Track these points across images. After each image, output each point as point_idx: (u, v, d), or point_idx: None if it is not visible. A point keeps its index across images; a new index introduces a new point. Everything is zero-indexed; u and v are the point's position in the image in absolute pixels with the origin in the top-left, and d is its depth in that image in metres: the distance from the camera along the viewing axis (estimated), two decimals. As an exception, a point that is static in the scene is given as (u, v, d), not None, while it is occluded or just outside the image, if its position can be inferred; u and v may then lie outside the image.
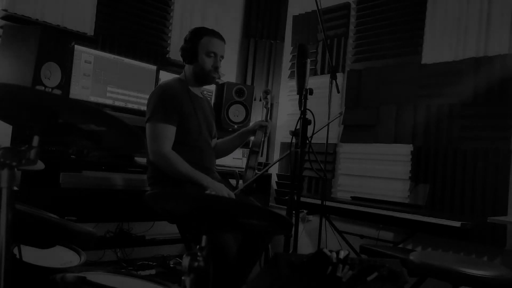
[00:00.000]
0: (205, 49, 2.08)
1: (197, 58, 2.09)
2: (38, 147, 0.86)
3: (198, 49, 2.09)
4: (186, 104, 2.06)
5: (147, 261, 3.03)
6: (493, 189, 2.52)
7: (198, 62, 2.10)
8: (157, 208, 2.11)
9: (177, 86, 2.10)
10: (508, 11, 2.57)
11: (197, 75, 2.14)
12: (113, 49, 3.02)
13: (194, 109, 2.09)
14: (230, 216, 1.07)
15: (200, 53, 2.09)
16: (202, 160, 2.10)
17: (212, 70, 2.10)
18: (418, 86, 2.93)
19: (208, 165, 2.13)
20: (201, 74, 2.12)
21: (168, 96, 2.02)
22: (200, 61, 2.09)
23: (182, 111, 2.03)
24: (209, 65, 2.10)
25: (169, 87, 2.07)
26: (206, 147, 2.15)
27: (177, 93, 2.06)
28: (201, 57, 2.09)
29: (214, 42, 2.11)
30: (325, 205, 2.54)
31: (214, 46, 2.10)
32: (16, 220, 0.83)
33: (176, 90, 2.07)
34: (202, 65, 2.09)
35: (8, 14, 2.56)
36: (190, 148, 2.06)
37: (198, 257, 0.99)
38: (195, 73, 2.13)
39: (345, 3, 3.46)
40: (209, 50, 2.09)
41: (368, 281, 1.21)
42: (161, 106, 1.99)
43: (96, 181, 2.39)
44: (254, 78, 3.89)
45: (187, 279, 0.98)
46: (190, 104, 2.08)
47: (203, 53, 2.09)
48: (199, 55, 2.09)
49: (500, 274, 1.60)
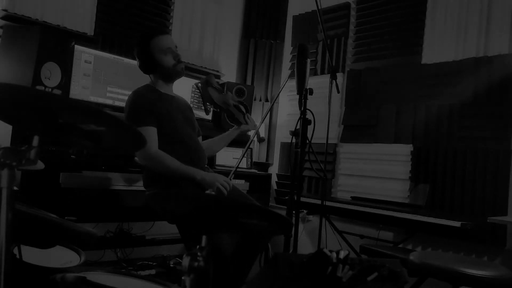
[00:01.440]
0: (159, 50, 2.10)
1: (157, 62, 2.11)
2: (38, 147, 0.86)
3: (154, 54, 2.10)
4: (158, 105, 2.08)
5: (147, 261, 3.03)
6: (493, 189, 2.52)
7: (159, 65, 2.11)
8: (157, 208, 2.11)
9: (146, 91, 2.12)
10: (508, 11, 2.57)
11: (164, 76, 2.16)
12: (113, 49, 3.02)
13: (167, 109, 2.10)
14: (230, 216, 1.07)
15: (157, 55, 2.11)
16: (190, 156, 2.10)
17: (175, 63, 2.13)
18: (418, 86, 2.93)
19: (197, 160, 2.13)
20: (167, 73, 2.14)
21: (139, 101, 2.05)
22: (161, 62, 2.11)
23: (157, 112, 2.04)
24: (170, 61, 2.12)
25: (138, 94, 2.10)
26: (192, 143, 2.16)
27: (147, 97, 2.08)
28: (160, 58, 2.11)
29: (162, 39, 2.14)
30: (325, 205, 2.54)
31: (164, 42, 2.13)
32: (16, 220, 0.83)
33: (146, 94, 2.10)
34: (164, 64, 2.11)
35: (8, 14, 2.55)
36: (176, 147, 2.07)
37: (198, 257, 0.99)
38: (162, 75, 2.15)
39: (345, 3, 3.46)
40: (163, 48, 2.11)
41: (368, 281, 1.21)
42: (134, 112, 2.02)
43: (96, 181, 2.38)
44: (254, 78, 3.89)
45: (187, 279, 0.98)
46: (162, 105, 2.10)
47: (160, 54, 2.11)
48: (157, 58, 2.11)
49: (500, 274, 1.60)
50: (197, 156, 2.14)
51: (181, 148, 2.08)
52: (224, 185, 1.95)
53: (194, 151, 2.14)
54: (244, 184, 3.17)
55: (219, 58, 3.75)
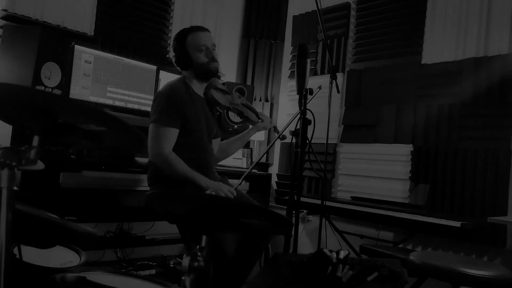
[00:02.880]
0: (194, 47, 2.09)
1: (191, 59, 2.10)
2: (38, 147, 0.86)
3: (189, 50, 2.09)
4: (189, 106, 2.07)
5: (147, 261, 3.03)
6: (493, 189, 2.52)
7: (193, 62, 2.10)
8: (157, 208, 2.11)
9: (181, 87, 2.11)
10: (508, 11, 2.57)
11: (198, 74, 2.14)
12: (113, 49, 3.02)
13: (196, 111, 2.09)
14: (230, 216, 1.07)
15: (192, 52, 2.09)
16: (202, 159, 2.11)
17: (209, 61, 2.11)
18: (418, 86, 2.93)
19: (208, 164, 2.14)
20: (201, 71, 2.12)
21: (173, 98, 2.03)
22: (195, 59, 2.10)
23: (185, 113, 2.04)
24: (204, 59, 2.10)
25: (174, 88, 2.08)
26: (206, 147, 2.16)
27: (182, 95, 2.07)
28: (194, 55, 2.09)
29: (200, 36, 2.11)
30: (325, 205, 2.54)
31: (201, 39, 2.11)
32: (16, 220, 0.83)
33: (181, 92, 2.08)
34: (198, 62, 2.10)
35: (8, 14, 2.55)
36: (191, 148, 2.07)
37: (198, 257, 0.99)
38: (196, 72, 2.13)
39: (345, 3, 3.46)
40: (199, 45, 2.09)
41: (368, 281, 1.21)
42: (167, 109, 2.00)
43: (96, 181, 2.38)
44: (254, 78, 3.89)
45: (187, 279, 0.98)
46: (192, 106, 2.08)
47: (195, 51, 2.09)
48: (192, 55, 2.09)
49: (500, 274, 1.60)
50: (204, 158, 2.14)
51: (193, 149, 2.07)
52: (228, 195, 1.95)
53: (205, 155, 2.14)
54: (244, 184, 3.17)
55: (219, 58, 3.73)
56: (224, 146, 2.39)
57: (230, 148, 2.40)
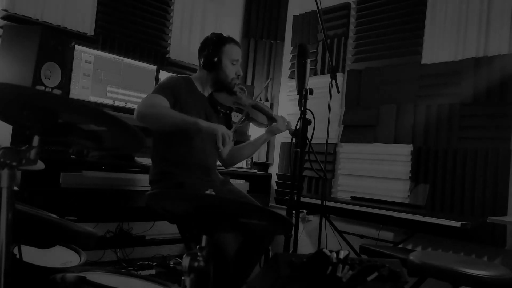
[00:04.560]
0: (229, 57, 2.09)
1: (220, 66, 2.08)
2: (38, 147, 0.86)
3: (222, 57, 2.08)
4: (187, 95, 2.05)
5: (147, 261, 3.03)
6: (493, 189, 2.52)
7: (221, 70, 2.09)
8: (157, 208, 2.11)
9: (183, 80, 2.11)
10: (508, 11, 2.57)
11: (217, 82, 2.12)
12: (113, 49, 3.02)
13: (194, 103, 2.07)
14: (230, 216, 1.07)
15: (224, 60, 2.08)
16: (201, 159, 2.09)
17: (235, 77, 2.12)
18: (418, 86, 2.94)
19: (206, 165, 2.12)
20: (223, 81, 2.11)
21: (169, 79, 2.08)
22: (225, 68, 2.08)
23: (180, 98, 2.01)
24: (233, 73, 2.10)
25: (176, 78, 2.12)
26: (206, 146, 2.11)
27: (180, 82, 2.08)
28: (226, 64, 2.08)
29: (237, 50, 2.12)
30: (325, 205, 2.54)
31: (237, 54, 2.12)
32: (16, 220, 0.83)
33: (180, 82, 2.09)
34: (226, 72, 2.09)
35: (8, 14, 2.56)
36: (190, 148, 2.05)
37: (198, 257, 0.99)
38: (216, 79, 2.11)
39: (345, 3, 3.46)
40: (234, 58, 2.10)
41: (368, 281, 1.21)
42: (160, 85, 2.04)
43: (96, 181, 2.38)
44: (254, 78, 3.89)
45: (187, 279, 0.98)
46: (191, 97, 2.07)
47: (228, 61, 2.09)
48: (223, 62, 2.08)
49: (500, 274, 1.60)
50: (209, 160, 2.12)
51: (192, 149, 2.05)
52: (224, 137, 1.82)
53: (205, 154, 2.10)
54: (244, 184, 3.17)
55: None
56: (233, 151, 2.31)
57: (239, 153, 2.31)
